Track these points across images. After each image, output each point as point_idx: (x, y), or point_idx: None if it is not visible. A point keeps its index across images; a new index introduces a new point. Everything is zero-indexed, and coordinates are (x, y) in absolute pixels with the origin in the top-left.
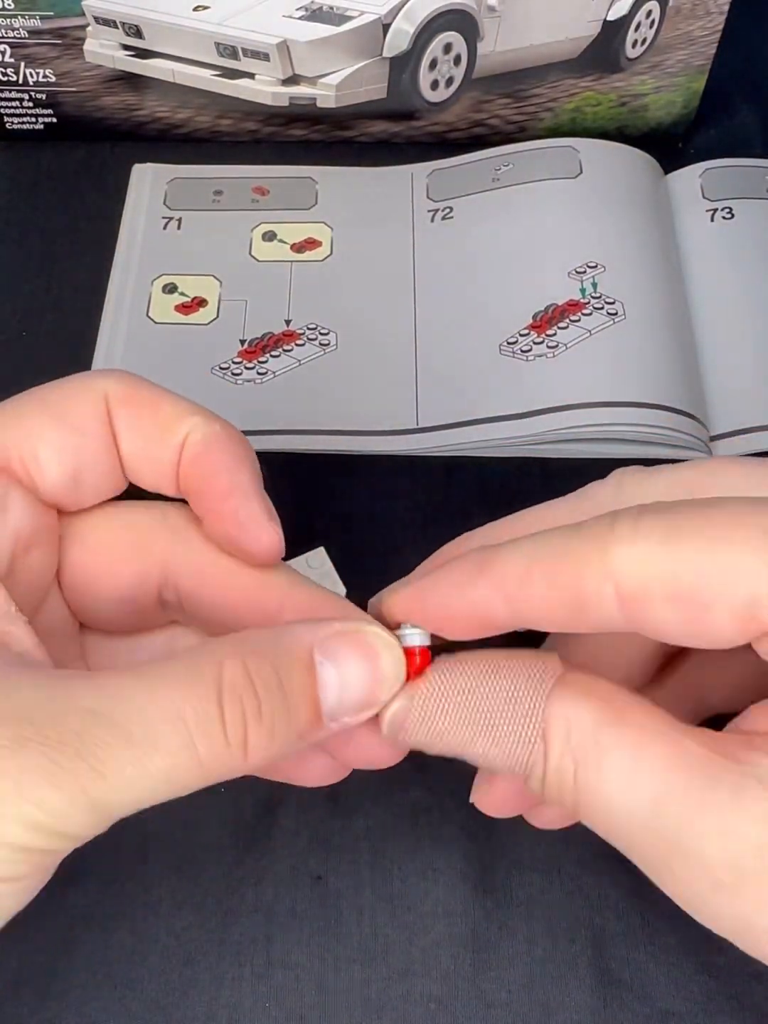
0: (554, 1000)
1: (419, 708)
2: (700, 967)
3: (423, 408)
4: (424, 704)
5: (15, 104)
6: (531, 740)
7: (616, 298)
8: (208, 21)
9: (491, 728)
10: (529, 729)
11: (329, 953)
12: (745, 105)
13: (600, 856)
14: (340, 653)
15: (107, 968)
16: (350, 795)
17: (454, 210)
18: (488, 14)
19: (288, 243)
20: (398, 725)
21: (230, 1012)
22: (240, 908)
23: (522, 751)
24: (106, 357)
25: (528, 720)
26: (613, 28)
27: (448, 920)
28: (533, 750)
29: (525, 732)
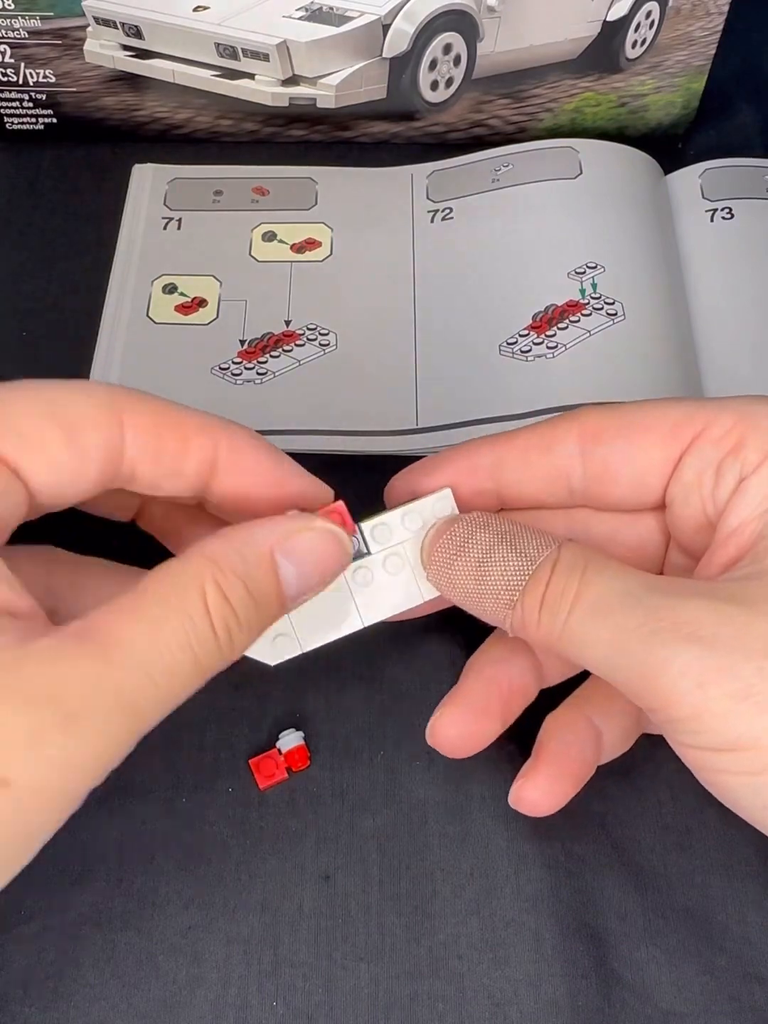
0: (562, 999)
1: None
2: (701, 968)
3: (423, 408)
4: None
5: (15, 104)
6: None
7: (616, 298)
8: (208, 21)
9: (515, 539)
10: (547, 540)
11: (337, 952)
12: (745, 105)
13: (602, 856)
14: (295, 550)
15: (114, 967)
16: (358, 794)
17: (454, 210)
18: (488, 14)
19: (288, 243)
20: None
21: (237, 1011)
22: (247, 907)
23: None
24: (106, 357)
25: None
26: (613, 28)
27: (455, 919)
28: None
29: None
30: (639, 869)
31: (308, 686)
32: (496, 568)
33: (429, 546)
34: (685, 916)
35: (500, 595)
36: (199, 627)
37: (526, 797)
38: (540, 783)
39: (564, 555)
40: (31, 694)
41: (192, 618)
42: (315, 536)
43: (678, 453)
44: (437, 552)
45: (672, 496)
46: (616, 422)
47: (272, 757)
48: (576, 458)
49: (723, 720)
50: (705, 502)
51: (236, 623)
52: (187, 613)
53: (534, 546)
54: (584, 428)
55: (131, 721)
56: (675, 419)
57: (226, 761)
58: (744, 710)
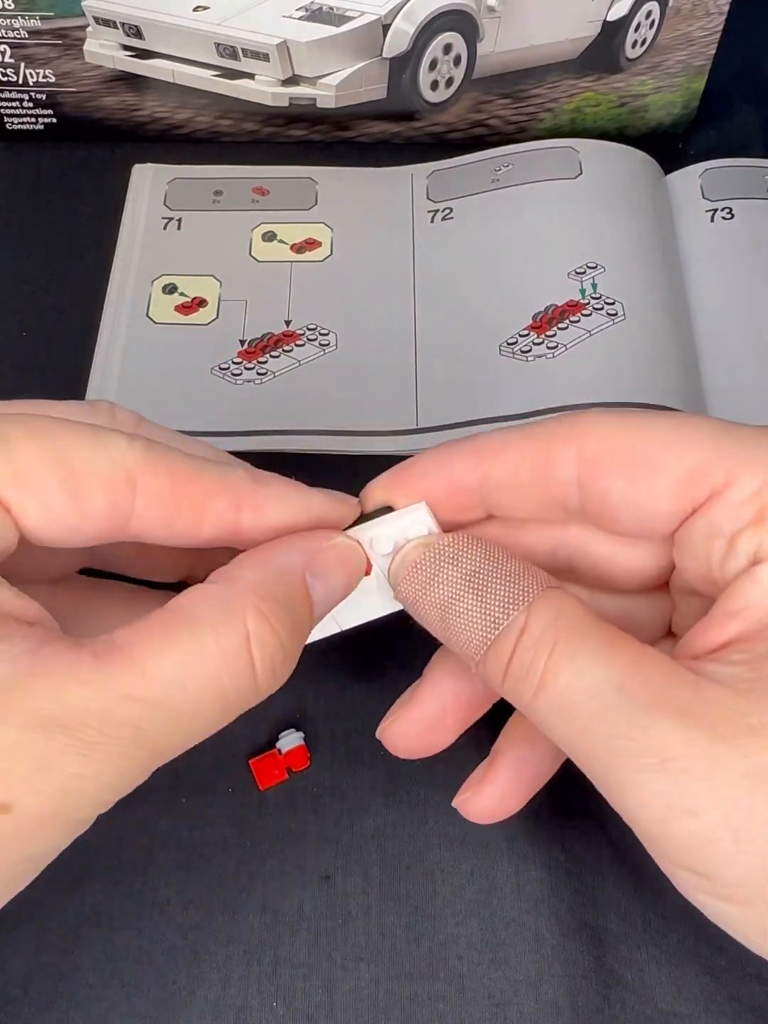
0: (562, 999)
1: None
2: (701, 968)
3: (423, 408)
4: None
5: (15, 104)
6: (518, 603)
7: (616, 298)
8: (208, 21)
9: (484, 585)
10: (520, 592)
11: (337, 953)
12: (745, 105)
13: (602, 857)
14: (323, 569)
15: (114, 968)
16: (358, 795)
17: (454, 210)
18: (488, 14)
19: (288, 243)
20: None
21: (237, 1012)
22: (247, 907)
23: (502, 615)
24: (106, 357)
25: (521, 587)
26: (613, 28)
27: (455, 920)
28: (514, 617)
29: (515, 595)
30: (639, 869)
31: (308, 686)
32: (460, 620)
33: (395, 578)
34: (685, 916)
35: (464, 647)
36: (233, 664)
37: (469, 808)
38: (486, 797)
39: (533, 624)
40: (44, 717)
41: (227, 656)
42: (338, 552)
43: (690, 509)
44: (402, 585)
45: (679, 542)
46: (621, 453)
47: (272, 757)
48: (573, 486)
49: (682, 856)
50: (712, 567)
51: (282, 655)
52: (223, 651)
53: (501, 606)
54: (583, 453)
55: (147, 756)
56: (691, 466)
57: (226, 761)
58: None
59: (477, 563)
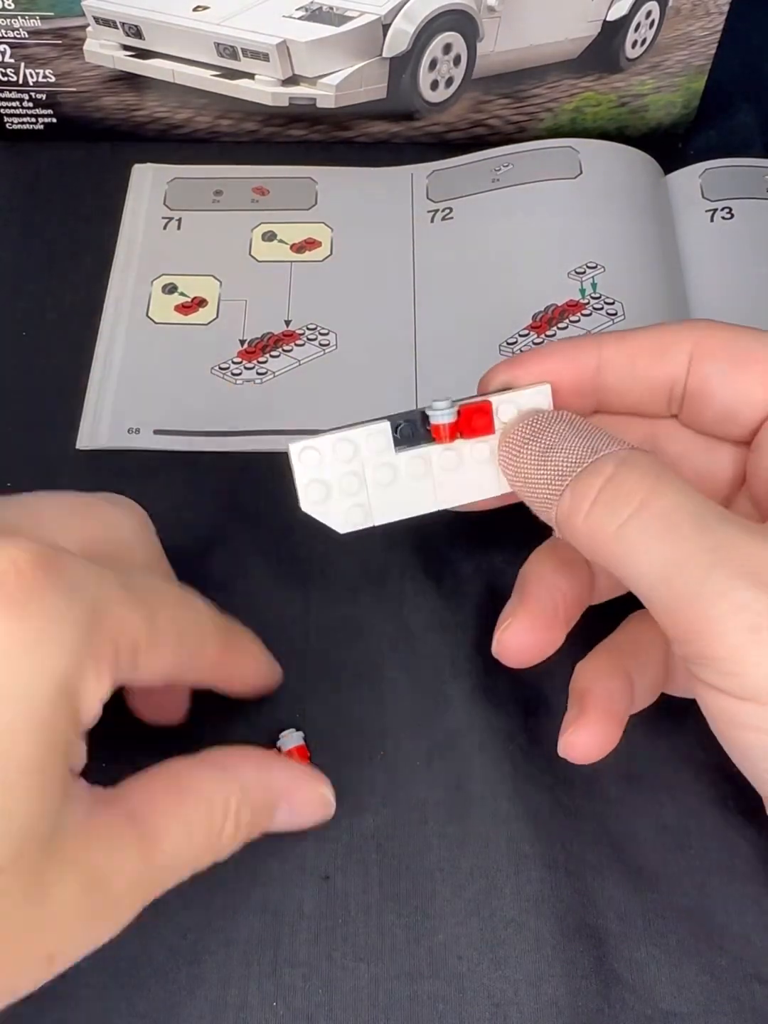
0: (562, 999)
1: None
2: (702, 968)
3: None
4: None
5: (15, 104)
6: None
7: (616, 298)
8: (208, 21)
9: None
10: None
11: (336, 953)
12: (745, 105)
13: (603, 856)
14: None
15: (113, 967)
16: (358, 794)
17: (454, 210)
18: (488, 14)
19: (288, 243)
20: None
21: (237, 1011)
22: (247, 907)
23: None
24: (106, 357)
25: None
26: (613, 28)
27: (455, 919)
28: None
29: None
30: (639, 869)
31: (308, 686)
32: (559, 455)
33: (507, 430)
34: (685, 916)
35: (554, 481)
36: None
37: (578, 743)
38: (593, 730)
39: (636, 457)
40: (92, 877)
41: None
42: (318, 800)
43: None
44: (512, 435)
45: (761, 442)
46: (729, 343)
47: None
48: (683, 368)
49: (763, 669)
50: None
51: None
52: (216, 828)
53: (606, 443)
54: (700, 339)
55: (147, 903)
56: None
57: None
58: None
59: (586, 426)
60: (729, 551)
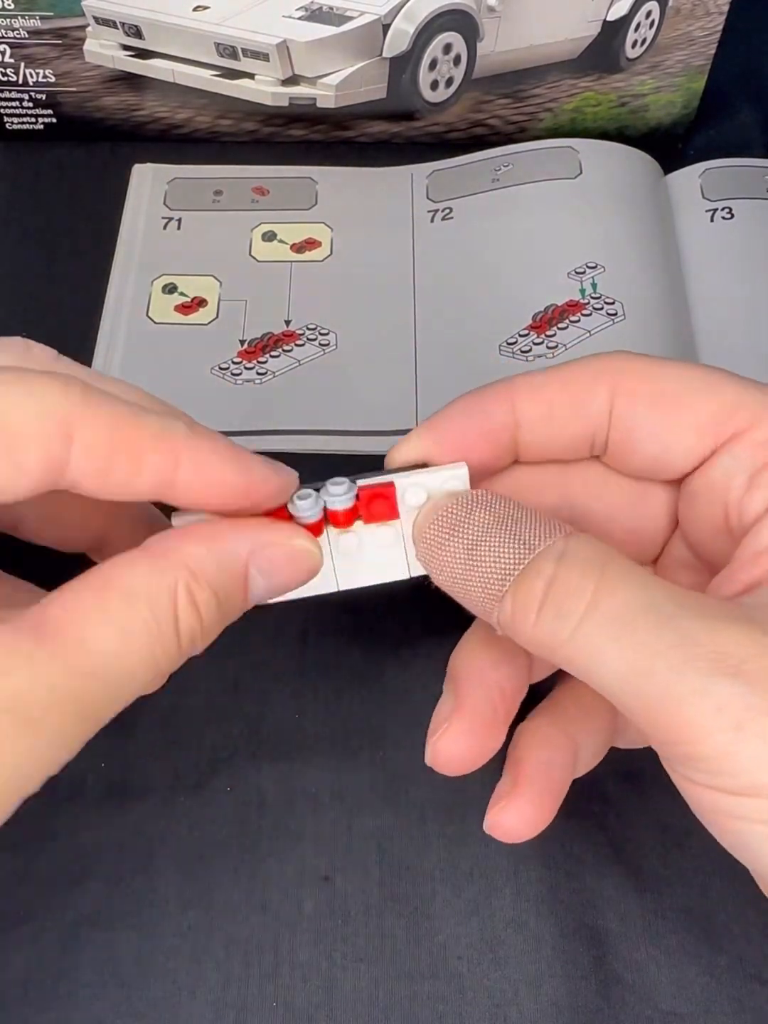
0: (562, 999)
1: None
2: (702, 968)
3: (423, 408)
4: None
5: (15, 104)
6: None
7: (616, 298)
8: (208, 21)
9: (517, 523)
10: (555, 527)
11: (336, 953)
12: (745, 105)
13: (602, 856)
14: (270, 565)
15: (113, 968)
16: (358, 795)
17: (454, 210)
18: (488, 14)
19: (288, 243)
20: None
21: (237, 1012)
22: (247, 907)
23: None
24: (106, 357)
25: (555, 524)
26: (613, 28)
27: (455, 920)
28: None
29: (550, 529)
30: (639, 869)
31: (308, 686)
32: (489, 554)
33: (422, 521)
34: (685, 916)
35: (490, 584)
36: (167, 636)
37: (504, 823)
38: (524, 808)
39: (576, 547)
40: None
41: (160, 626)
42: (292, 553)
43: (712, 446)
44: (429, 530)
45: (694, 489)
46: (653, 386)
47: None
48: (604, 416)
49: (755, 764)
50: (729, 508)
51: (201, 632)
52: (157, 621)
53: (537, 533)
54: (619, 382)
55: (87, 725)
56: (719, 406)
57: (226, 761)
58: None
59: (508, 510)
60: (695, 643)
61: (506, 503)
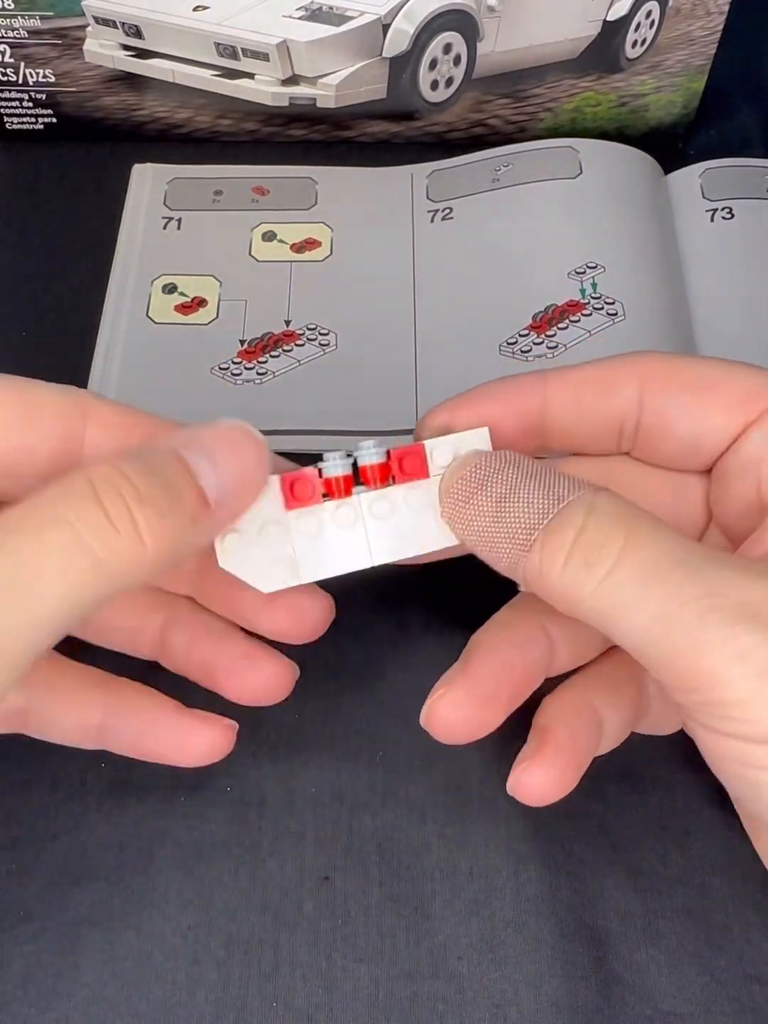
0: (562, 1000)
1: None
2: (701, 968)
3: (423, 408)
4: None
5: (15, 104)
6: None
7: (616, 298)
8: (208, 21)
9: (545, 478)
10: (581, 484)
11: (336, 953)
12: (745, 105)
13: (602, 856)
14: (205, 444)
15: (113, 968)
16: (358, 795)
17: (454, 210)
18: (488, 14)
19: (288, 243)
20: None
21: (237, 1012)
22: (247, 907)
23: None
24: (106, 357)
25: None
26: (613, 28)
27: (455, 920)
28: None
29: (577, 484)
30: (639, 869)
31: (308, 686)
32: (518, 506)
33: (448, 478)
34: (685, 916)
35: (517, 535)
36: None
37: (530, 783)
38: (548, 770)
39: (604, 502)
40: None
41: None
42: (220, 430)
43: (743, 423)
44: (456, 485)
45: (725, 468)
46: (683, 373)
47: (310, 479)
48: (634, 403)
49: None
50: (762, 482)
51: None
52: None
53: (566, 487)
54: (648, 371)
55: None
56: (749, 387)
57: (226, 761)
58: None
59: (537, 467)
60: (722, 594)
61: (533, 461)
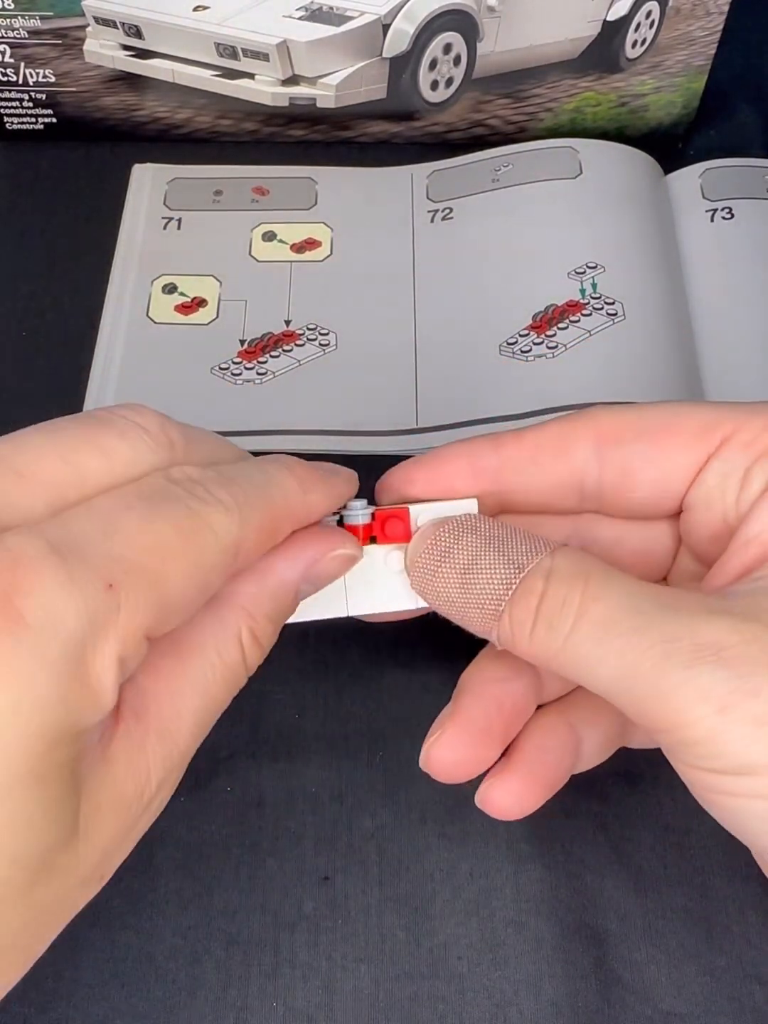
0: (562, 1000)
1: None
2: (701, 968)
3: (423, 408)
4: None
5: (15, 104)
6: (540, 551)
7: (616, 298)
8: (208, 21)
9: (504, 544)
10: (541, 545)
11: (336, 953)
12: (745, 105)
13: (602, 857)
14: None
15: (113, 968)
16: (357, 795)
17: (454, 210)
18: (488, 14)
19: (288, 243)
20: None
21: (237, 1012)
22: (247, 908)
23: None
24: (106, 357)
25: (540, 543)
26: (613, 28)
27: (455, 920)
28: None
29: (536, 547)
30: (639, 869)
31: (308, 686)
32: (482, 576)
33: (413, 550)
34: (685, 916)
35: (485, 605)
36: (239, 676)
37: (494, 799)
38: (512, 787)
39: (561, 563)
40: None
41: (233, 667)
42: (337, 562)
43: (704, 457)
44: (420, 558)
45: (691, 501)
46: (637, 424)
47: None
48: (592, 462)
49: (743, 744)
50: (727, 509)
51: (261, 655)
52: (230, 666)
53: (524, 552)
54: (601, 429)
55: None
56: (703, 422)
57: (226, 761)
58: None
59: (495, 531)
60: (677, 639)
61: (491, 524)
